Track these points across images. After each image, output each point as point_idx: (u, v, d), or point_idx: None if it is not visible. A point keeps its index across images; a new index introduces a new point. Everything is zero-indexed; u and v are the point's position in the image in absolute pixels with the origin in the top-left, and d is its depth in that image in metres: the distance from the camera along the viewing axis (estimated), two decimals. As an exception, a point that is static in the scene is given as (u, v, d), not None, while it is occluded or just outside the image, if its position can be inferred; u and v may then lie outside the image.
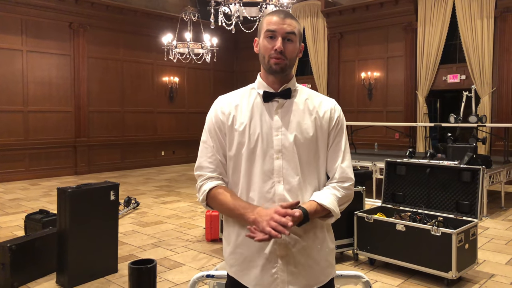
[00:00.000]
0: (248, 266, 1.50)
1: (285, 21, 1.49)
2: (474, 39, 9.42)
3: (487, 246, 4.98)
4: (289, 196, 1.48)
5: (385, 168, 4.78)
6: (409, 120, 10.44)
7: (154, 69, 12.42)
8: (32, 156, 10.11)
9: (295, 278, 1.48)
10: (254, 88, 1.59)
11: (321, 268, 1.54)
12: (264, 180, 1.48)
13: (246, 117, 1.53)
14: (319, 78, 12.25)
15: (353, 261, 4.45)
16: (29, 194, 8.18)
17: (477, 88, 9.23)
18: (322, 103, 1.58)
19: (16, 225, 5.85)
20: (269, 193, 1.48)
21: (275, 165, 1.48)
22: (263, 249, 1.48)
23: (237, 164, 1.53)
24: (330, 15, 11.82)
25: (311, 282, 1.51)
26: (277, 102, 1.53)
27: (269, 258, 1.48)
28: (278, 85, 1.54)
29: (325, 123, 1.55)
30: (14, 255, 3.71)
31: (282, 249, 1.48)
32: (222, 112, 1.56)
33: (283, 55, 1.49)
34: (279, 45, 1.47)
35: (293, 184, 1.48)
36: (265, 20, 1.53)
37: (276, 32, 1.49)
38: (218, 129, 1.56)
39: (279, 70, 1.50)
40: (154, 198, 7.89)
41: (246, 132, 1.51)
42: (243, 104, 1.55)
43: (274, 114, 1.52)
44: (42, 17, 10.14)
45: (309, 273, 1.51)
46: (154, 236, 5.40)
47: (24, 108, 10.00)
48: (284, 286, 1.48)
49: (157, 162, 12.52)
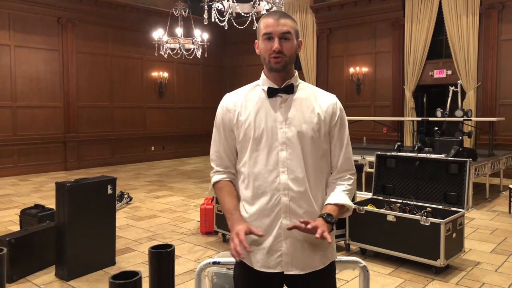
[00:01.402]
0: (255, 248, 1.61)
1: (280, 22, 1.59)
2: (460, 35, 9.63)
3: (473, 235, 5.16)
4: (293, 185, 1.58)
5: (375, 161, 4.92)
6: (397, 114, 10.63)
7: (143, 64, 12.40)
8: (21, 152, 10.05)
9: (298, 261, 1.59)
10: (258, 85, 1.69)
11: (324, 251, 1.64)
12: (270, 171, 1.58)
13: (251, 113, 1.63)
14: (308, 73, 12.37)
15: (345, 251, 4.59)
16: (19, 190, 8.15)
17: (462, 83, 9.45)
18: (324, 98, 1.68)
19: (9, 220, 5.85)
20: (275, 183, 1.58)
21: (280, 156, 1.58)
22: (269, 234, 1.59)
23: (244, 156, 1.64)
24: (319, 10, 11.93)
25: (314, 264, 1.62)
26: (281, 97, 1.63)
27: (274, 241, 1.59)
28: (281, 82, 1.64)
29: (327, 117, 1.65)
30: (13, 249, 3.75)
31: (287, 234, 1.58)
32: (228, 109, 1.67)
33: (282, 53, 1.59)
34: (277, 45, 1.57)
35: (297, 174, 1.59)
36: (262, 23, 1.63)
37: (272, 34, 1.58)
38: (225, 125, 1.68)
39: (280, 68, 1.60)
40: (146, 192, 7.94)
41: (252, 126, 1.61)
42: (248, 100, 1.66)
43: (278, 108, 1.62)
44: (30, 12, 10.05)
45: (312, 256, 1.61)
46: (149, 230, 5.47)
47: (13, 104, 9.92)
48: (288, 268, 1.59)
49: (147, 157, 12.53)
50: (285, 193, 1.58)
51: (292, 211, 1.58)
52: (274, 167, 1.58)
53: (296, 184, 1.58)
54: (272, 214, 1.59)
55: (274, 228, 1.59)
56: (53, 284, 3.75)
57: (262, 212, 1.60)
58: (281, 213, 1.58)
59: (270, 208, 1.59)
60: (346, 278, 3.81)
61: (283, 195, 1.58)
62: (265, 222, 1.60)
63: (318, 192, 1.64)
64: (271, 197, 1.58)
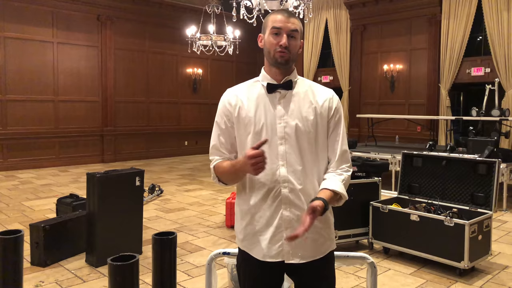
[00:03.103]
0: (258, 239, 1.68)
1: (290, 19, 1.66)
2: (500, 31, 9.26)
3: (504, 239, 5.01)
4: (292, 177, 1.64)
5: (401, 160, 4.85)
6: (432, 113, 10.37)
7: (178, 60, 12.67)
8: (61, 144, 10.54)
9: (298, 250, 1.66)
10: (258, 81, 1.76)
11: (323, 241, 1.70)
12: (270, 164, 1.64)
13: (251, 108, 1.70)
14: (341, 70, 12.25)
15: (367, 250, 4.57)
16: (59, 180, 8.57)
17: (502, 81, 9.11)
18: (321, 93, 1.73)
19: (48, 209, 6.19)
20: (275, 176, 1.64)
21: (279, 150, 1.65)
22: (271, 224, 1.66)
23: (243, 150, 1.70)
24: (353, 6, 11.78)
25: (313, 254, 1.68)
26: (280, 93, 1.69)
27: (275, 232, 1.66)
28: (280, 77, 1.70)
29: (324, 112, 1.70)
30: (47, 235, 3.99)
31: (287, 224, 1.65)
32: (229, 103, 1.75)
33: (288, 49, 1.65)
34: (285, 41, 1.64)
35: (295, 167, 1.65)
36: (270, 18, 1.69)
37: (281, 29, 1.65)
38: (226, 119, 1.75)
39: (284, 62, 1.66)
40: (177, 186, 8.16)
41: (252, 121, 1.68)
42: (248, 96, 1.73)
43: (277, 104, 1.68)
44: (71, 10, 10.50)
45: (311, 246, 1.67)
46: (176, 222, 5.64)
47: (55, 98, 10.41)
48: (289, 257, 1.66)
49: (180, 151, 12.82)
50: (284, 185, 1.64)
51: (292, 203, 1.64)
52: (274, 161, 1.64)
53: (295, 176, 1.64)
54: (273, 206, 1.65)
55: (275, 219, 1.65)
56: (82, 269, 3.96)
57: (263, 203, 1.67)
58: (282, 204, 1.64)
59: (271, 200, 1.65)
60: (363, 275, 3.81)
61: (283, 187, 1.64)
62: (266, 213, 1.66)
63: (316, 184, 1.68)
64: (272, 189, 1.65)
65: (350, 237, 4.53)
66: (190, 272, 3.96)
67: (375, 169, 4.96)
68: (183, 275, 3.85)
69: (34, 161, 10.04)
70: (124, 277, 1.33)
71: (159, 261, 1.50)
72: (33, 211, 6.09)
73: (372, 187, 4.69)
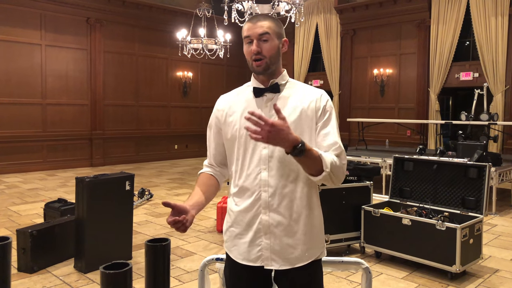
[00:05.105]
0: (238, 242, 1.68)
1: (257, 24, 1.64)
2: (488, 36, 9.39)
3: (493, 242, 5.04)
4: (273, 182, 1.61)
5: (393, 164, 4.86)
6: (421, 117, 10.45)
7: (169, 63, 12.61)
8: (49, 148, 10.40)
9: (278, 256, 1.63)
10: (249, 86, 1.75)
11: (305, 248, 1.65)
12: (253, 169, 1.64)
13: (238, 113, 1.69)
14: (332, 74, 12.30)
15: (359, 254, 4.56)
16: (47, 184, 8.44)
17: (490, 86, 9.22)
18: (309, 94, 1.70)
19: (35, 213, 6.08)
20: (256, 179, 1.63)
21: (262, 154, 1.63)
22: (251, 227, 1.64)
23: (231, 154, 1.72)
24: (343, 11, 11.86)
25: (293, 262, 1.64)
26: (266, 96, 1.68)
27: (254, 236, 1.64)
28: (267, 81, 1.69)
29: (310, 113, 1.66)
30: (34, 241, 3.91)
31: (265, 229, 1.63)
32: (218, 109, 1.77)
33: (261, 54, 1.64)
34: (254, 47, 1.63)
35: (277, 171, 1.62)
36: (243, 28, 1.70)
37: (250, 37, 1.65)
38: (215, 125, 1.77)
39: (261, 70, 1.65)
40: (167, 190, 8.08)
41: (238, 126, 1.67)
42: (237, 101, 1.73)
43: (263, 107, 1.67)
44: (60, 12, 10.38)
45: (291, 252, 1.63)
46: (167, 226, 5.57)
47: (43, 101, 10.27)
48: (268, 263, 1.63)
49: (170, 155, 12.74)
50: (265, 190, 1.62)
51: (271, 207, 1.62)
52: (257, 165, 1.63)
53: (276, 181, 1.62)
54: (253, 210, 1.64)
55: (254, 223, 1.64)
56: (71, 275, 3.89)
57: (246, 208, 1.66)
58: (261, 208, 1.63)
59: (251, 204, 1.64)
60: (355, 279, 3.80)
61: (263, 191, 1.62)
62: (246, 217, 1.65)
63: (299, 189, 1.64)
64: (253, 193, 1.64)
65: (342, 241, 4.51)
66: (181, 277, 3.91)
67: (366, 173, 4.96)
68: (174, 280, 3.80)
69: (21, 165, 9.88)
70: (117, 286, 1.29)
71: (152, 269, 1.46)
72: (19, 216, 5.97)
73: (363, 191, 4.69)
